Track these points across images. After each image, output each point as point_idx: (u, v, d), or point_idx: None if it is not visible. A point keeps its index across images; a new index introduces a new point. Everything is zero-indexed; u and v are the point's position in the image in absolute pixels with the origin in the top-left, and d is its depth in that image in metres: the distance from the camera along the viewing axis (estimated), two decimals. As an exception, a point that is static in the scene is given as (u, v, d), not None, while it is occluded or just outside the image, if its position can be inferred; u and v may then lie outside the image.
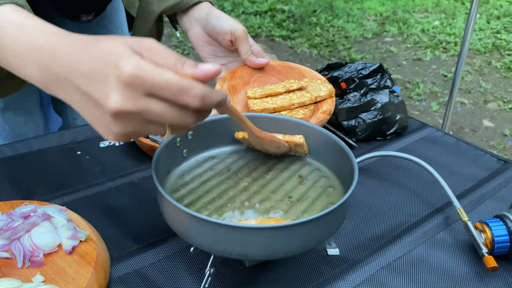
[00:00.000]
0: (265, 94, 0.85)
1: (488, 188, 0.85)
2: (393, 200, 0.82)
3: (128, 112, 0.46)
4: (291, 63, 0.94)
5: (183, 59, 0.49)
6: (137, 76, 0.45)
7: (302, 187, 0.68)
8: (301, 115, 0.81)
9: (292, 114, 0.81)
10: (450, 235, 0.74)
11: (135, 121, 0.47)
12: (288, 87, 0.85)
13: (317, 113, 0.84)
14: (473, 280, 0.67)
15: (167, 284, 0.64)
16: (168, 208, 0.58)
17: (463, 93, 3.21)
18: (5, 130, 1.00)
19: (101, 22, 1.11)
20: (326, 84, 0.88)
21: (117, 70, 0.45)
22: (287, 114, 0.81)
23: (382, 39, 3.96)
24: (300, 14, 4.31)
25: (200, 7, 0.90)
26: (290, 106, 0.82)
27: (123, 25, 1.17)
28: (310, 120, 0.82)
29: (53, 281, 0.58)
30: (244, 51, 0.87)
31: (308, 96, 0.84)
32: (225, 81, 0.87)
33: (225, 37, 0.87)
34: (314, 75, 0.92)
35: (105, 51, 0.46)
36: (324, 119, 0.82)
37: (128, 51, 0.46)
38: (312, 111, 0.83)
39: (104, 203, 0.78)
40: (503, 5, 4.69)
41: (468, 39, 1.98)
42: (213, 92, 0.50)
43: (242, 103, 0.87)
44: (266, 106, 0.82)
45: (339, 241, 0.72)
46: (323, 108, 0.84)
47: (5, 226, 0.63)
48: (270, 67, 0.92)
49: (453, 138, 1.01)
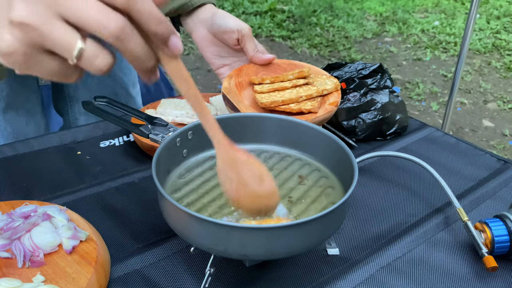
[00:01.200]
0: (273, 88, 0.86)
1: (488, 188, 0.85)
2: (393, 200, 0.82)
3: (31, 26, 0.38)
4: (296, 61, 0.97)
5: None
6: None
7: (302, 187, 0.68)
8: (309, 106, 0.82)
9: (301, 106, 0.82)
10: (450, 235, 0.74)
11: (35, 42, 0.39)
12: (295, 82, 0.87)
13: (325, 105, 0.85)
14: (473, 280, 0.67)
15: (167, 284, 0.64)
16: (168, 208, 0.58)
17: (463, 93, 3.21)
18: (6, 130, 1.00)
19: None
20: (332, 79, 0.89)
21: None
22: (296, 106, 0.82)
23: (382, 39, 3.96)
24: (300, 14, 4.31)
25: (205, 8, 0.90)
26: (298, 99, 0.84)
27: None
28: (319, 111, 0.83)
29: (53, 281, 0.58)
30: (251, 48, 0.89)
31: (315, 89, 0.85)
32: (232, 78, 0.88)
33: (231, 36, 0.88)
34: (318, 71, 0.93)
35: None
36: (332, 110, 0.83)
37: None
38: (319, 103, 0.84)
39: (104, 203, 0.78)
40: (503, 5, 4.69)
41: (468, 39, 1.98)
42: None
43: (250, 98, 0.88)
44: (275, 99, 0.83)
45: (339, 241, 0.72)
46: (330, 100, 0.86)
47: (6, 226, 0.63)
48: (275, 65, 0.93)
49: (453, 138, 1.01)
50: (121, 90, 1.21)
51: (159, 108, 0.94)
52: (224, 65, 0.94)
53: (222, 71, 0.94)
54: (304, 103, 0.84)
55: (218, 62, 0.94)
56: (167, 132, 0.69)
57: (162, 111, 0.93)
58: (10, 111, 1.00)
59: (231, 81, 0.87)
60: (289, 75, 0.88)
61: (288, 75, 0.88)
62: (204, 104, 0.51)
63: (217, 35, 0.90)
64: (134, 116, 0.83)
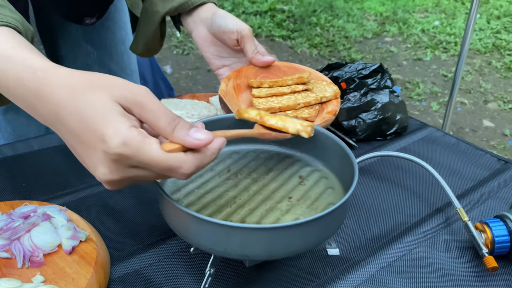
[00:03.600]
0: (271, 93, 0.85)
1: (488, 188, 0.85)
2: (393, 200, 0.82)
3: (116, 180, 0.48)
4: (296, 64, 0.95)
5: (175, 120, 0.48)
6: (123, 155, 0.45)
7: (303, 187, 0.68)
8: (306, 114, 0.81)
9: (298, 114, 0.81)
10: (450, 235, 0.74)
11: (126, 182, 0.49)
12: (293, 88, 0.86)
13: (323, 113, 0.84)
14: (473, 280, 0.66)
15: (167, 284, 0.64)
16: (168, 209, 0.58)
17: (463, 93, 3.21)
18: (7, 131, 1.00)
19: (105, 24, 1.11)
20: (332, 86, 0.88)
21: (104, 145, 0.45)
22: (293, 114, 0.81)
23: (382, 39, 3.96)
24: (300, 14, 4.31)
25: (205, 8, 0.90)
26: (296, 106, 0.83)
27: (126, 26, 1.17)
28: (316, 120, 0.82)
29: (53, 281, 0.58)
30: (251, 50, 0.88)
31: (313, 96, 0.84)
32: (230, 79, 0.87)
33: (231, 36, 0.87)
34: (319, 76, 0.92)
35: (90, 112, 0.46)
36: (329, 119, 0.82)
37: (115, 116, 0.45)
38: (317, 111, 0.83)
39: (104, 203, 0.78)
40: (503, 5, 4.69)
41: (468, 39, 1.98)
42: (208, 158, 0.49)
43: (247, 102, 0.87)
44: (272, 105, 0.82)
45: (339, 241, 0.72)
46: (328, 108, 0.85)
47: (5, 226, 0.63)
48: (275, 68, 0.92)
49: (453, 138, 1.01)
50: None
51: (159, 108, 0.94)
52: (223, 66, 0.94)
53: (222, 72, 0.94)
54: (301, 110, 0.82)
55: (218, 62, 0.93)
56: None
57: (162, 111, 0.93)
58: (11, 112, 1.00)
59: (229, 83, 0.87)
60: (289, 80, 0.87)
61: (287, 80, 0.87)
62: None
63: (216, 35, 0.90)
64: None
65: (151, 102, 0.47)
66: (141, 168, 0.47)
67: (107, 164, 0.46)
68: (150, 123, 0.47)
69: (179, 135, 0.48)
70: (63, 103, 0.47)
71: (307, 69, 0.93)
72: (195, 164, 0.48)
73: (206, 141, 0.48)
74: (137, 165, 0.47)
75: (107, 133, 0.45)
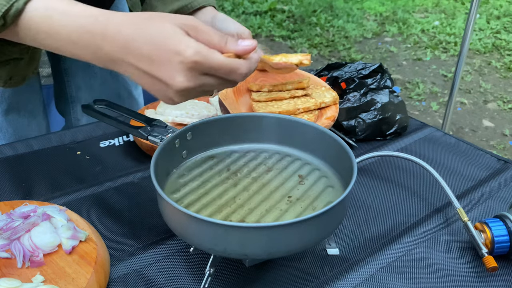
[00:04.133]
0: (270, 98, 0.85)
1: (488, 188, 0.85)
2: (393, 200, 0.82)
3: (191, 88, 0.56)
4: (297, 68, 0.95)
5: (224, 37, 0.58)
6: (198, 61, 0.54)
7: (302, 186, 0.68)
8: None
9: None
10: (450, 235, 0.74)
11: (194, 92, 0.57)
12: (293, 93, 0.86)
13: (321, 119, 0.84)
14: (473, 280, 0.66)
15: (167, 284, 0.64)
16: (167, 209, 0.58)
17: (463, 93, 3.21)
18: (8, 132, 1.00)
19: None
20: (330, 91, 0.88)
21: (180, 56, 0.53)
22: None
23: (382, 39, 3.96)
24: (300, 14, 4.31)
25: (205, 11, 0.90)
26: (295, 111, 0.83)
27: None
28: None
29: (53, 281, 0.58)
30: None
31: (312, 102, 0.84)
32: None
33: None
34: (318, 82, 0.92)
35: (161, 35, 0.54)
36: (328, 125, 0.83)
37: (181, 35, 0.54)
38: (316, 117, 0.83)
39: (104, 203, 0.78)
40: (503, 5, 4.69)
41: (468, 39, 1.98)
42: (253, 64, 0.60)
43: (246, 105, 0.87)
44: (271, 110, 0.83)
45: (339, 241, 0.72)
46: (327, 114, 0.85)
47: (5, 226, 0.63)
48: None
49: (453, 138, 1.01)
50: (124, 92, 1.20)
51: (159, 108, 0.94)
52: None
53: None
54: (301, 115, 0.83)
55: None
56: (166, 133, 0.69)
57: (162, 111, 0.93)
58: (12, 113, 1.00)
59: None
60: (288, 85, 0.87)
61: (287, 85, 0.87)
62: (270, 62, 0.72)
63: None
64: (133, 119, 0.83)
65: (202, 26, 0.57)
66: (210, 75, 0.56)
67: (184, 73, 0.54)
68: (206, 41, 0.56)
69: (231, 46, 0.58)
70: (132, 35, 0.55)
71: (307, 75, 0.93)
72: (247, 67, 0.58)
73: (253, 46, 0.59)
74: (207, 72, 0.55)
75: (181, 47, 0.53)
